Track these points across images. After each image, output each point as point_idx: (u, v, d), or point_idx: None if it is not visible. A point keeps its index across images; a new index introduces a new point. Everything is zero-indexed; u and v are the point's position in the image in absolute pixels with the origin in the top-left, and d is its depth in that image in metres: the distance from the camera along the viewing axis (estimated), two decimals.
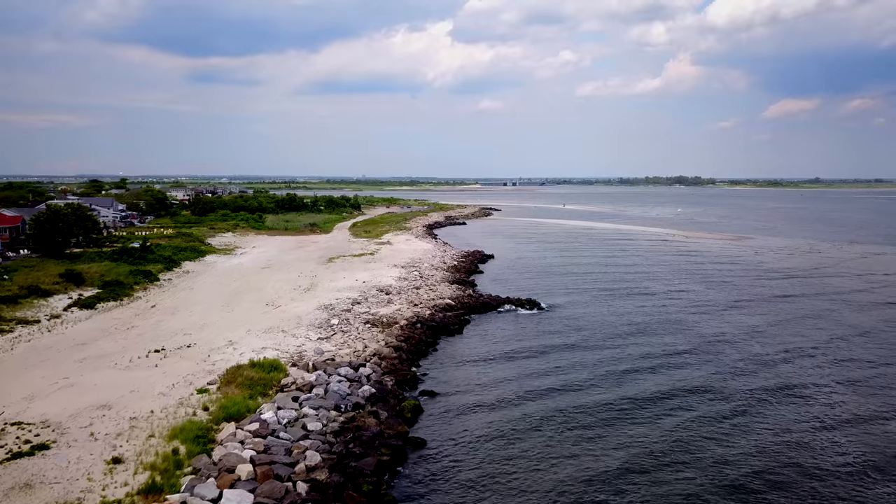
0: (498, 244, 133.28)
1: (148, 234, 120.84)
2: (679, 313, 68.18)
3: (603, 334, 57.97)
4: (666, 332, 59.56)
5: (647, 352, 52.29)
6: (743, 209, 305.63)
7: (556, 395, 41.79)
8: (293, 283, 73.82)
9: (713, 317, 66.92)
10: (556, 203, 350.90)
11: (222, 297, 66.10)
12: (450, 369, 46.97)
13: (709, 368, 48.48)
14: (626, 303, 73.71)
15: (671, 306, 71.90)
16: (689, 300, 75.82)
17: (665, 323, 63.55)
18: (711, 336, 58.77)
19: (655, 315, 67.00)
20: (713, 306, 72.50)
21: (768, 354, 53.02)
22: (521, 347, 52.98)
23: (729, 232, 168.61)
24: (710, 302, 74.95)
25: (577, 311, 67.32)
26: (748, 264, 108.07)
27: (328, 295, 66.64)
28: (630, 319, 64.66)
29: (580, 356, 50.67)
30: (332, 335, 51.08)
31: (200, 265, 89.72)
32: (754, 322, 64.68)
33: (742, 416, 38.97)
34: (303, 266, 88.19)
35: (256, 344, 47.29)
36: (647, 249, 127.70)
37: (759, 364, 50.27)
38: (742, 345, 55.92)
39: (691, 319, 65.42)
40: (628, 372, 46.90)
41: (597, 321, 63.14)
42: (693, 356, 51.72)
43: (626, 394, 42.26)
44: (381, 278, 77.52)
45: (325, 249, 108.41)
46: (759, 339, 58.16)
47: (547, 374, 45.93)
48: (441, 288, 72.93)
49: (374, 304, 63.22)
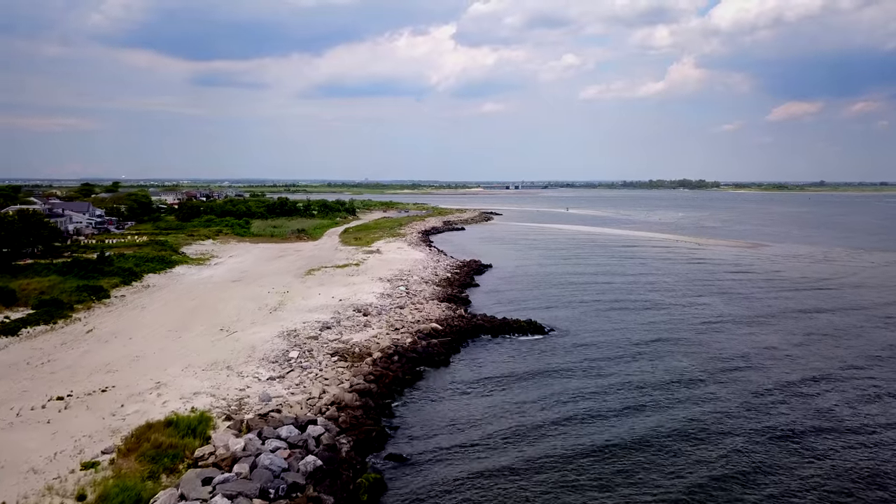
0: (497, 252, 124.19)
1: (120, 241, 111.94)
2: (696, 333, 59.95)
3: (616, 368, 48.74)
4: (684, 359, 51.10)
5: (671, 393, 43.10)
6: (751, 213, 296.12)
7: (564, 460, 32.63)
8: (260, 301, 64.77)
9: (733, 336, 59.13)
10: (558, 207, 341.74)
11: (174, 320, 57.08)
12: (429, 418, 37.87)
13: (737, 402, 39.88)
14: (638, 321, 65.13)
15: (687, 325, 63.67)
16: (704, 316, 67.67)
17: (682, 346, 55.19)
18: (733, 359, 51.15)
19: (671, 337, 58.49)
20: (731, 323, 64.65)
21: (798, 382, 45.76)
22: (519, 389, 43.76)
23: (740, 238, 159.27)
24: (727, 318, 66.95)
25: (585, 336, 58.15)
26: (764, 274, 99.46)
27: (295, 317, 57.57)
28: (644, 343, 55.96)
29: (591, 402, 41.50)
30: (287, 372, 42.01)
31: (165, 278, 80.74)
32: (777, 341, 57.20)
33: (774, 469, 29.84)
34: (277, 279, 79.15)
35: (190, 387, 38.25)
36: (656, 257, 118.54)
37: (790, 395, 42.73)
38: (766, 371, 48.29)
39: (710, 340, 57.35)
40: (649, 424, 37.77)
41: (607, 349, 53.97)
42: (718, 388, 43.03)
43: (649, 460, 33.14)
44: (362, 295, 68.45)
45: (308, 259, 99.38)
46: (784, 362, 50.78)
47: (551, 429, 36.76)
48: (428, 307, 63.82)
49: (347, 328, 54.13)
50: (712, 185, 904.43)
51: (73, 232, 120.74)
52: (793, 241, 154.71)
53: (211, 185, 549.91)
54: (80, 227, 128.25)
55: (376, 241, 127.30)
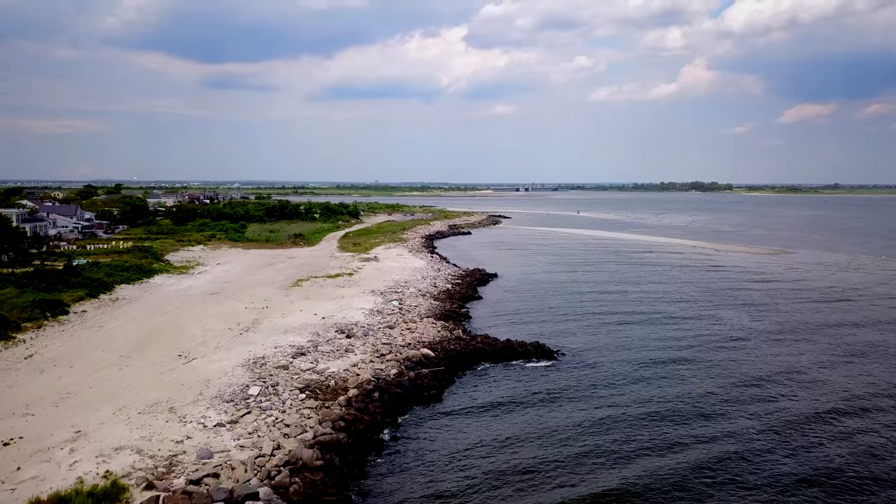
0: (503, 259, 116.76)
1: (101, 247, 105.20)
2: (719, 352, 53.58)
3: (634, 398, 41.23)
4: (708, 384, 44.47)
5: (696, 429, 35.58)
6: (766, 216, 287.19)
7: None
8: (232, 320, 57.56)
9: (761, 356, 52.85)
10: (569, 210, 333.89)
11: (130, 341, 49.96)
12: (411, 482, 30.47)
13: (770, 441, 32.53)
14: (655, 338, 58.63)
15: (709, 342, 57.25)
16: (728, 332, 61.07)
17: (705, 369, 48.51)
18: (763, 384, 45.14)
19: (692, 358, 51.93)
20: (758, 340, 58.41)
21: (838, 413, 39.87)
22: (522, 436, 36.25)
23: (761, 244, 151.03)
24: (753, 334, 60.73)
25: (597, 361, 50.62)
26: (790, 283, 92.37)
27: (268, 340, 50.28)
28: (663, 364, 49.62)
29: (609, 447, 34.00)
30: (242, 415, 34.72)
31: (139, 289, 73.77)
32: (810, 363, 51.19)
33: None
34: (259, 292, 72.00)
35: (115, 438, 31.01)
36: (673, 264, 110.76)
37: (830, 429, 36.18)
38: (800, 399, 42.35)
39: (736, 361, 50.90)
40: (673, 468, 30.26)
41: (623, 375, 46.50)
42: (748, 422, 36.16)
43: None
44: (349, 312, 61.14)
45: (299, 267, 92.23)
46: (821, 388, 44.86)
47: (565, 494, 29.32)
48: (422, 327, 56.43)
49: (324, 354, 46.79)
50: (725, 188, 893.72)
51: (54, 237, 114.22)
52: (815, 246, 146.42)
53: (217, 188, 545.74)
54: (64, 231, 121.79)
55: (375, 248, 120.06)
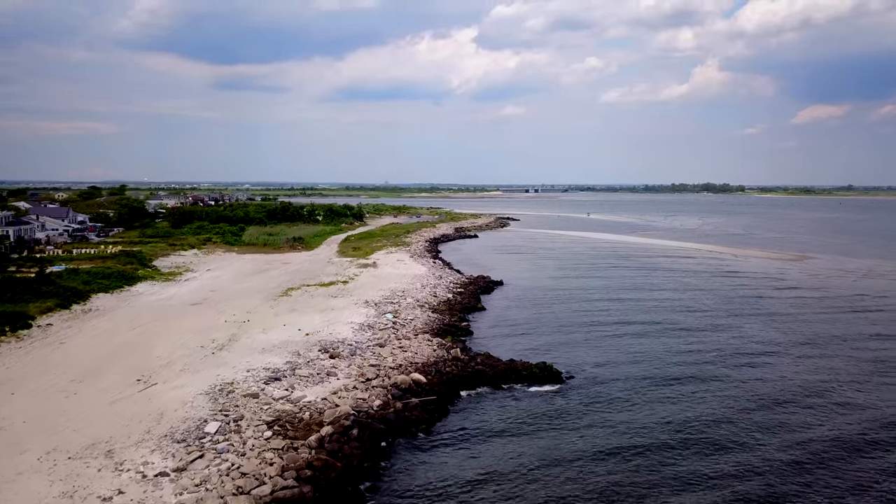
0: (509, 264, 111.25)
1: (87, 252, 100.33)
2: (741, 369, 49.08)
3: (649, 424, 35.73)
4: (731, 407, 38.99)
5: (722, 464, 29.95)
6: (781, 219, 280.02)
7: None
8: (209, 335, 52.30)
9: (787, 372, 48.45)
10: (579, 212, 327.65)
11: (89, 361, 44.80)
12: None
13: (804, 478, 26.84)
14: (673, 353, 53.94)
15: (730, 358, 52.72)
16: (750, 347, 56.59)
17: (726, 389, 43.42)
18: (791, 407, 39.86)
19: (713, 375, 47.11)
20: (783, 355, 53.79)
21: (877, 440, 34.58)
22: (526, 482, 30.78)
23: (778, 248, 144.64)
24: (776, 347, 56.49)
25: (609, 382, 45.16)
26: (813, 291, 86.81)
27: (242, 360, 44.96)
28: (681, 383, 44.86)
29: (624, 487, 28.54)
30: (192, 461, 29.38)
31: (117, 299, 68.78)
32: (841, 380, 47.11)
33: None
34: (244, 302, 66.80)
35: (26, 496, 25.75)
36: (688, 270, 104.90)
37: (869, 460, 29.78)
38: (833, 423, 37.05)
39: (760, 379, 46.24)
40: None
41: (638, 399, 41.13)
42: (778, 453, 29.83)
43: None
44: (337, 326, 55.77)
45: (292, 274, 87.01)
46: (857, 410, 40.28)
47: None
48: (417, 344, 50.98)
49: (303, 379, 41.42)
50: (737, 189, 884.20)
51: (41, 241, 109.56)
52: (835, 251, 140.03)
53: (223, 189, 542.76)
54: (53, 235, 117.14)
55: (376, 252, 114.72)
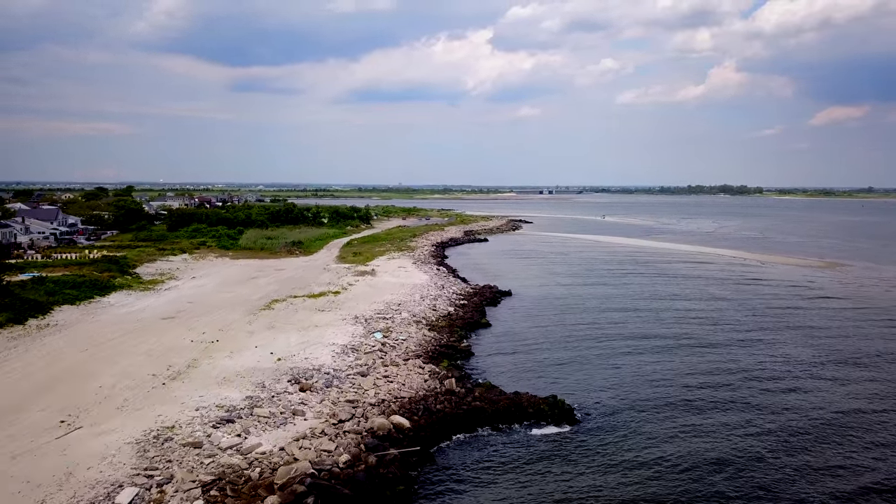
0: (520, 271, 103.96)
1: (73, 256, 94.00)
2: (777, 396, 41.72)
3: (686, 486, 28.39)
4: (777, 445, 31.41)
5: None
6: (805, 222, 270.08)
7: None
8: (167, 358, 45.37)
9: (834, 405, 40.00)
10: (594, 214, 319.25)
11: (16, 394, 37.94)
12: None
13: None
14: (703, 376, 46.76)
15: (764, 382, 45.77)
16: (786, 368, 49.68)
17: (769, 422, 35.25)
18: (839, 444, 32.06)
19: (752, 404, 40.02)
20: (823, 378, 46.02)
21: None
22: None
23: (807, 255, 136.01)
24: (815, 369, 49.41)
25: (632, 423, 37.67)
26: (852, 303, 79.16)
27: (194, 395, 37.92)
28: (716, 418, 36.01)
29: None
30: None
31: (81, 312, 62.22)
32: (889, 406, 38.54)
33: None
34: (222, 316, 59.99)
35: None
36: (711, 279, 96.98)
37: None
38: None
39: (800, 407, 38.68)
40: None
41: (667, 445, 33.55)
42: None
43: None
44: (316, 349, 48.65)
45: (282, 283, 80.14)
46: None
47: None
48: (405, 372, 43.77)
49: (261, 421, 34.30)
50: (754, 191, 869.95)
51: (24, 245, 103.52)
52: (868, 258, 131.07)
53: (234, 190, 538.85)
54: (38, 238, 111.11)
55: (377, 258, 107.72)
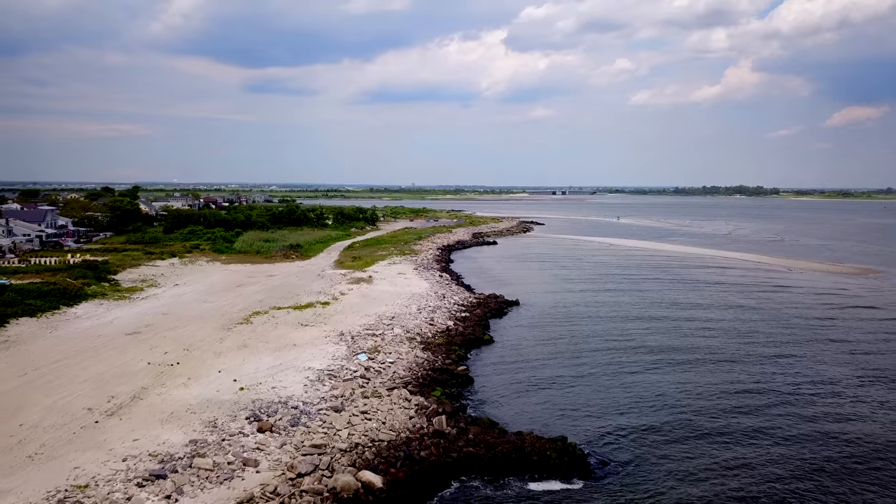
0: (529, 277, 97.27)
1: (52, 261, 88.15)
2: (816, 426, 33.78)
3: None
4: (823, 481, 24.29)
5: None
6: (826, 224, 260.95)
7: None
8: (113, 386, 39.01)
9: (879, 429, 33.93)
10: (608, 216, 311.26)
11: None
12: None
13: None
14: (735, 408, 40.23)
15: (810, 410, 39.16)
16: (829, 391, 44.22)
17: (816, 455, 28.58)
18: None
19: (783, 437, 34.05)
20: (863, 398, 40.39)
21: None
22: None
23: (836, 260, 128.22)
24: (850, 387, 42.98)
25: (656, 483, 30.88)
26: (889, 312, 72.78)
27: (128, 437, 31.48)
28: (754, 458, 30.22)
29: None
30: None
31: (41, 324, 56.20)
32: None
33: None
34: (193, 331, 53.69)
35: None
36: (733, 285, 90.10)
37: None
38: None
39: (847, 440, 32.35)
40: None
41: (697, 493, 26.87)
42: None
43: None
44: (288, 374, 42.11)
45: (269, 291, 73.77)
46: None
47: None
48: (388, 405, 37.11)
49: (200, 476, 27.75)
50: (771, 192, 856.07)
51: (4, 248, 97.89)
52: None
53: (246, 191, 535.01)
54: (21, 241, 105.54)
55: (377, 263, 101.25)
